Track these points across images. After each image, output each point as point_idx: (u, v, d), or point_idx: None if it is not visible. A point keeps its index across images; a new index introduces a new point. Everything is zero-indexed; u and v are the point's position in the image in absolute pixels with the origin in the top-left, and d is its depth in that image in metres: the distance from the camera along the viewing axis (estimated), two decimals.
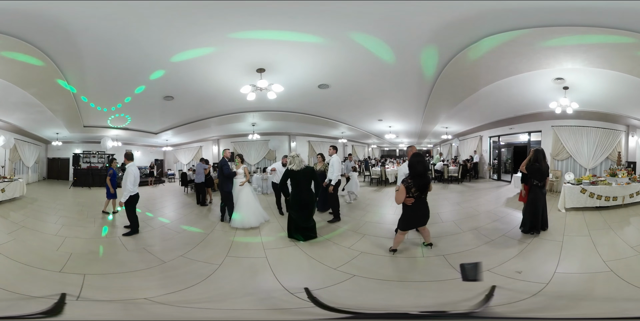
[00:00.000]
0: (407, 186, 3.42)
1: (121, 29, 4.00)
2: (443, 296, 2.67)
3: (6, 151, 8.68)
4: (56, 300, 2.40)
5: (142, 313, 2.45)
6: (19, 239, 4.29)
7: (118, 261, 3.61)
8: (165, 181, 11.52)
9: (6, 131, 8.33)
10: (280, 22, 3.98)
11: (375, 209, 6.31)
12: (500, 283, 2.78)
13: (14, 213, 5.98)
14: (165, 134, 10.27)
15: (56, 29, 3.89)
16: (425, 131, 10.89)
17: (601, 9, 3.53)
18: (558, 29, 4.01)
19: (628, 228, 4.52)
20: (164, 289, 2.82)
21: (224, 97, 6.83)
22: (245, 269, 3.39)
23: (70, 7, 3.49)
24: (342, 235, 4.44)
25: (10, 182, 7.07)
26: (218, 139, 11.66)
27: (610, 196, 5.56)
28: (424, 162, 3.50)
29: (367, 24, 4.03)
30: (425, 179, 3.48)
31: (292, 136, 11.14)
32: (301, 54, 4.96)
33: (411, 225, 3.71)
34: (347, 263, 3.44)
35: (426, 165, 3.53)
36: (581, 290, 2.68)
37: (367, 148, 14.76)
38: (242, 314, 2.43)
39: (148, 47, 4.52)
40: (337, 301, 2.46)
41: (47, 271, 3.16)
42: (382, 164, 11.54)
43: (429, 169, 3.71)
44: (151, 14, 3.70)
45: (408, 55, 4.90)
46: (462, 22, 3.89)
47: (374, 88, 6.56)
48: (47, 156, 10.97)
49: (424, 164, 3.49)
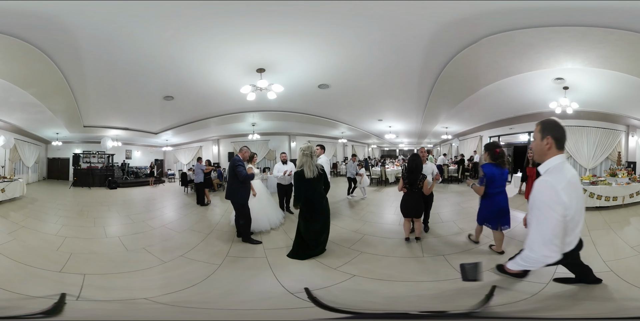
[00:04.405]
0: (402, 178, 4.14)
1: (121, 28, 4.00)
2: (443, 296, 2.67)
3: (6, 151, 8.69)
4: (56, 300, 2.40)
5: (142, 313, 2.45)
6: (19, 239, 4.29)
7: (118, 261, 3.61)
8: (165, 181, 11.53)
9: (6, 131, 8.33)
10: (280, 22, 3.98)
11: (376, 209, 6.31)
12: (500, 283, 2.78)
13: (14, 213, 5.98)
14: (165, 134, 10.28)
15: (56, 29, 3.89)
16: (425, 131, 10.90)
17: (601, 9, 3.53)
18: (558, 29, 4.02)
19: (628, 228, 4.52)
20: (164, 289, 2.81)
21: (224, 97, 6.84)
22: (245, 269, 3.39)
23: (70, 7, 3.49)
24: (342, 235, 4.43)
25: (10, 182, 7.07)
26: (218, 139, 11.67)
27: (610, 196, 5.56)
28: (416, 161, 4.03)
29: (367, 24, 4.03)
30: (413, 175, 4.02)
31: (292, 136, 11.15)
32: (301, 54, 4.96)
33: (404, 213, 4.13)
34: (347, 263, 3.44)
35: (418, 164, 4.03)
36: (581, 290, 2.68)
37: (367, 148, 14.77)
38: (242, 314, 2.43)
39: (148, 46, 4.52)
40: (337, 301, 2.46)
41: (47, 271, 3.16)
42: (382, 164, 11.54)
43: (420, 168, 4.06)
44: (151, 13, 3.70)
45: (408, 55, 4.90)
46: (462, 22, 3.89)
47: (374, 88, 6.56)
48: (47, 156, 10.98)
49: (415, 162, 4.03)
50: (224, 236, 4.55)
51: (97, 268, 3.33)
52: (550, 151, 1.82)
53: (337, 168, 12.15)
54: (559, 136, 1.80)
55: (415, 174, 4.02)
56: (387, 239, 4.30)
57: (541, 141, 1.84)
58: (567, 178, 1.72)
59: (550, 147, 1.81)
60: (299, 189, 3.69)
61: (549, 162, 1.81)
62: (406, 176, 4.09)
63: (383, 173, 9.80)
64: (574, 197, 1.71)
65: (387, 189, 8.93)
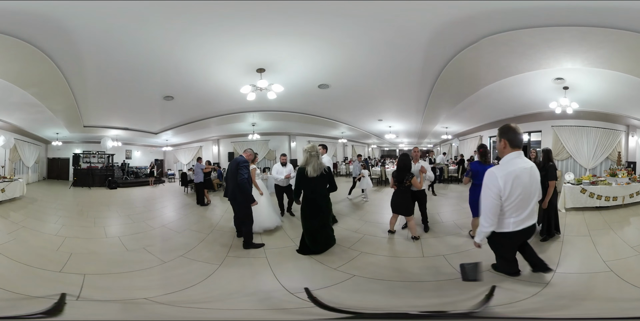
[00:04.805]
0: (392, 176, 4.43)
1: (121, 28, 4.00)
2: (443, 296, 2.67)
3: (6, 151, 8.69)
4: (56, 300, 2.40)
5: (142, 313, 2.45)
6: (19, 239, 4.29)
7: (118, 261, 3.61)
8: (165, 181, 11.53)
9: (6, 131, 8.34)
10: (280, 22, 3.98)
11: (375, 209, 6.30)
12: (500, 282, 2.78)
13: (14, 213, 5.98)
14: (165, 134, 10.28)
15: (56, 29, 3.89)
16: (425, 131, 10.90)
17: (601, 9, 3.54)
18: (558, 29, 4.02)
19: (628, 228, 4.52)
20: (164, 289, 2.81)
21: (224, 97, 6.84)
22: (245, 269, 3.39)
23: (71, 7, 3.49)
24: (342, 235, 4.43)
25: (10, 182, 7.08)
26: (218, 139, 11.67)
27: (610, 196, 5.56)
28: (404, 160, 4.28)
29: (367, 24, 4.03)
30: (400, 173, 4.26)
31: (292, 136, 11.16)
32: (301, 54, 4.96)
33: (392, 209, 4.38)
34: (347, 263, 3.44)
35: (405, 163, 4.26)
36: (581, 290, 2.68)
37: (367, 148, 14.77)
38: (242, 314, 2.43)
39: (148, 46, 4.52)
40: (337, 301, 2.46)
41: (47, 271, 3.16)
42: (382, 164, 11.54)
43: (408, 167, 4.26)
44: (151, 13, 3.70)
45: (408, 55, 4.90)
46: (462, 22, 3.89)
47: (374, 88, 6.56)
48: (47, 156, 10.99)
49: (403, 162, 4.28)
50: (224, 236, 4.55)
51: (97, 268, 3.33)
52: (505, 149, 2.31)
53: (337, 168, 12.15)
54: (511, 138, 2.29)
55: (402, 173, 4.24)
56: (387, 239, 4.30)
57: (499, 142, 2.36)
58: (509, 169, 2.21)
59: (505, 147, 2.31)
60: (298, 185, 3.79)
61: (504, 158, 2.32)
62: (395, 174, 4.36)
63: (383, 173, 9.80)
64: (511, 184, 2.18)
65: (388, 189, 8.92)
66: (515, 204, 2.24)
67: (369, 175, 7.63)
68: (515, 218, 2.28)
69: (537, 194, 2.39)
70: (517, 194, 2.21)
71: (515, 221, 2.30)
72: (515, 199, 2.21)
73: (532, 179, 2.31)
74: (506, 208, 2.25)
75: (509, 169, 2.21)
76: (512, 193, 2.19)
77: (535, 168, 2.37)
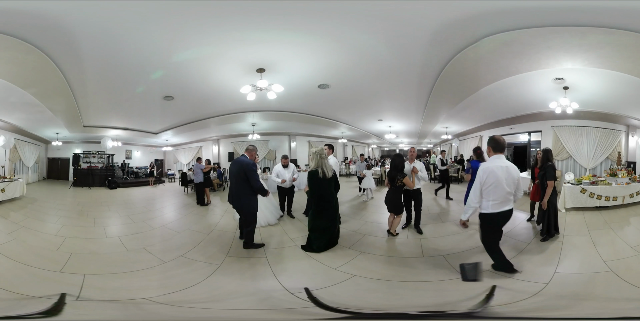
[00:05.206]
0: (386, 175, 4.60)
1: (121, 28, 4.00)
2: (443, 296, 2.67)
3: (6, 151, 8.68)
4: (56, 300, 2.40)
5: (142, 313, 2.45)
6: (19, 239, 4.29)
7: (118, 261, 3.61)
8: (165, 181, 11.52)
9: (6, 131, 8.33)
10: (280, 22, 3.98)
11: (376, 209, 6.30)
12: (500, 282, 2.78)
13: (14, 213, 5.98)
14: (165, 134, 10.27)
15: (56, 29, 3.89)
16: (425, 131, 10.89)
17: (601, 9, 3.54)
18: (558, 29, 4.02)
19: (628, 228, 4.52)
20: (164, 289, 2.81)
21: (223, 97, 6.84)
22: (245, 269, 3.39)
23: (70, 7, 3.49)
24: (342, 235, 4.43)
25: (10, 182, 7.07)
26: (218, 139, 11.66)
27: (610, 196, 5.56)
28: (396, 161, 4.43)
29: (367, 24, 4.03)
30: (392, 173, 4.41)
31: (292, 136, 11.15)
32: (301, 54, 4.96)
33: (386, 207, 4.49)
34: (347, 263, 3.44)
35: (397, 163, 4.40)
36: (581, 290, 2.68)
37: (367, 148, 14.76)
38: (242, 314, 2.43)
39: (148, 46, 4.52)
40: (337, 301, 2.46)
41: (47, 271, 3.16)
42: (382, 164, 11.54)
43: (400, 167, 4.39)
44: (151, 13, 3.70)
45: (408, 55, 4.90)
46: (462, 22, 3.89)
47: (374, 88, 6.56)
48: (47, 156, 10.97)
49: (395, 162, 4.43)
50: (224, 236, 4.55)
51: (97, 268, 3.33)
52: (490, 153, 3.12)
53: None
54: (493, 146, 3.07)
55: (393, 173, 4.38)
56: (387, 239, 4.30)
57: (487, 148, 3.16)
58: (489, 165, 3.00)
59: (490, 151, 3.11)
60: (313, 189, 3.99)
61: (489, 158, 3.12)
62: (388, 173, 4.54)
63: (383, 173, 9.79)
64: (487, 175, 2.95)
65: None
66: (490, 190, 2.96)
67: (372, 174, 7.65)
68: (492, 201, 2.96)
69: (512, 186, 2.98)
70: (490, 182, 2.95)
71: (493, 204, 2.96)
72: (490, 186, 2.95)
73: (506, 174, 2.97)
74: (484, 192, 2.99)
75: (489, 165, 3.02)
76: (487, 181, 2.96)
77: (512, 167, 3.02)
